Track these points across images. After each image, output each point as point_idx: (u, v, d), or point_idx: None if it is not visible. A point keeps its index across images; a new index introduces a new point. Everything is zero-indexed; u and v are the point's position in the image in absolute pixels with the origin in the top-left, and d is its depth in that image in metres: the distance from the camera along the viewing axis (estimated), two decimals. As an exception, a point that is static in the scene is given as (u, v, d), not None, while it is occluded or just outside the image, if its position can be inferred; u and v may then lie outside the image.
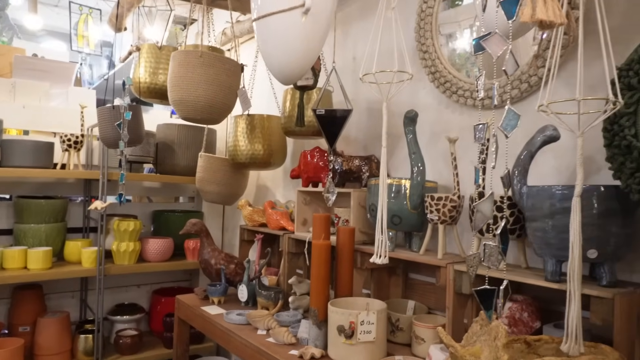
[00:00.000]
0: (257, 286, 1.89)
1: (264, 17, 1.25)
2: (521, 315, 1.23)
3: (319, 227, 1.57)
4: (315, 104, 1.68)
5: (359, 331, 1.36)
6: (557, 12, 0.77)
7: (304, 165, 1.94)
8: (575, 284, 0.93)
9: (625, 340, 0.98)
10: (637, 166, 0.96)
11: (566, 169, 1.29)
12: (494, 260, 0.68)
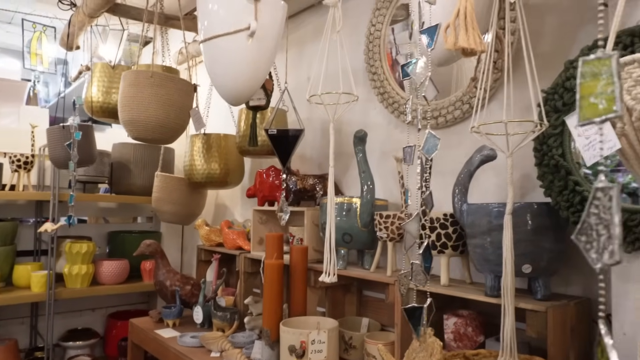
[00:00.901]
0: (213, 307, 1.86)
1: (210, 39, 1.26)
2: (466, 330, 1.26)
3: (271, 247, 1.57)
4: (268, 123, 1.69)
5: (310, 350, 1.36)
6: (478, 40, 0.81)
7: (259, 184, 1.94)
8: (509, 298, 0.96)
9: (559, 352, 1.02)
10: (565, 184, 1.01)
11: (505, 185, 1.33)
12: (420, 278, 0.70)
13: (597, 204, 0.28)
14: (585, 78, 0.28)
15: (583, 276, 1.18)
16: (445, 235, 1.25)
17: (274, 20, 1.28)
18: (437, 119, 1.47)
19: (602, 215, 0.28)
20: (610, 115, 0.28)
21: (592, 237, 0.28)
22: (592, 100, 0.28)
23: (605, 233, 0.27)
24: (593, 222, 0.28)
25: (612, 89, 0.27)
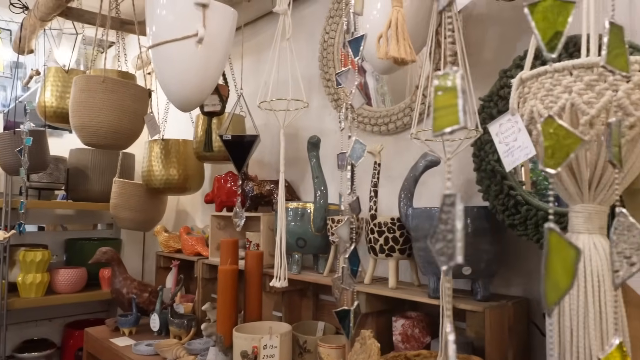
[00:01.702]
0: (170, 314, 1.85)
1: (158, 45, 1.26)
2: (413, 331, 1.28)
3: (225, 252, 1.57)
4: (223, 129, 1.69)
5: (262, 355, 1.36)
6: (408, 50, 0.84)
7: (217, 190, 1.94)
8: (446, 299, 0.99)
9: (496, 351, 1.05)
10: (501, 189, 1.05)
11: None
12: (350, 282, 0.72)
13: (445, 210, 0.30)
14: (438, 91, 0.30)
15: (523, 277, 1.22)
16: (393, 239, 1.28)
17: (223, 27, 1.29)
18: (388, 125, 1.50)
19: (449, 221, 0.30)
20: (455, 127, 0.30)
21: (442, 240, 0.30)
22: (443, 112, 0.30)
23: (451, 237, 0.29)
24: (442, 228, 0.31)
25: (456, 102, 0.29)
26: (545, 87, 0.67)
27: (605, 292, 0.65)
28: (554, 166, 0.32)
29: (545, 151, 0.31)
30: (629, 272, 0.33)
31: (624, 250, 0.34)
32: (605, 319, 0.65)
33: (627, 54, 0.35)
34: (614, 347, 0.34)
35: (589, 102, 0.62)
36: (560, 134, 0.31)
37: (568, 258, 0.31)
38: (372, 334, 0.93)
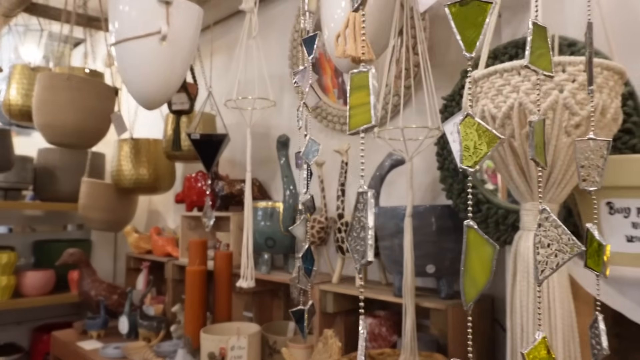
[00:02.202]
0: (139, 316, 1.82)
1: (121, 43, 1.24)
2: (380, 330, 1.29)
3: (194, 253, 1.55)
4: (192, 128, 1.67)
5: (230, 357, 1.35)
6: (366, 49, 0.83)
7: (187, 190, 1.91)
8: (409, 298, 0.99)
9: (459, 349, 1.06)
10: (463, 187, 1.06)
11: (418, 188, 1.38)
12: (305, 281, 0.71)
13: (359, 207, 0.30)
14: (353, 90, 0.30)
15: (488, 275, 1.23)
16: (360, 238, 1.28)
17: (187, 24, 1.27)
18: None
19: (362, 219, 0.30)
20: (367, 125, 0.30)
21: (356, 238, 0.30)
22: (357, 111, 0.30)
23: (363, 234, 0.29)
24: (356, 225, 0.30)
25: (368, 101, 0.29)
26: (495, 86, 0.68)
27: (554, 289, 0.66)
28: (472, 165, 0.32)
29: (463, 150, 0.32)
30: (553, 268, 0.34)
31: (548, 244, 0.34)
32: (554, 315, 0.66)
33: (551, 54, 0.35)
34: (538, 341, 0.34)
35: (536, 101, 0.63)
36: (479, 133, 0.31)
37: (485, 255, 0.31)
38: (334, 333, 0.93)
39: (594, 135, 0.42)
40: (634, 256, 0.69)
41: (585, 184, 0.43)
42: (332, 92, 1.64)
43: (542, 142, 0.35)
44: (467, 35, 0.30)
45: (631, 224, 0.68)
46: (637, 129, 0.83)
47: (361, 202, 0.30)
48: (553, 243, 0.35)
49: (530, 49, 0.36)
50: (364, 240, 0.29)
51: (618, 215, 0.69)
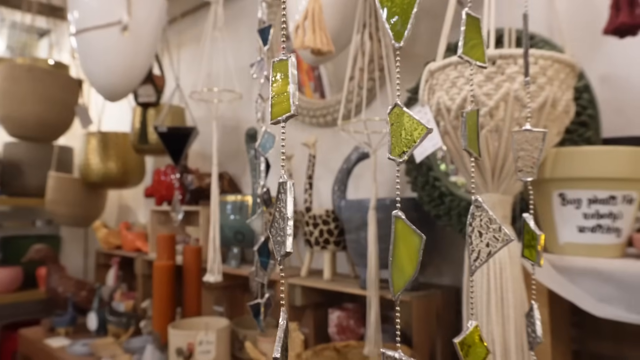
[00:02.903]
0: (108, 312, 1.79)
1: (82, 33, 1.20)
2: (348, 322, 1.29)
3: (161, 248, 1.53)
4: (159, 121, 1.64)
5: (197, 352, 1.34)
6: (325, 40, 0.83)
7: (156, 184, 1.89)
8: (373, 290, 1.00)
9: (424, 339, 1.07)
10: (426, 180, 1.07)
11: (386, 181, 1.39)
12: (261, 274, 0.71)
13: (280, 198, 0.30)
14: (275, 79, 0.29)
15: (453, 266, 1.25)
16: (328, 231, 1.28)
17: (150, 15, 1.24)
18: (326, 117, 1.50)
19: (282, 209, 0.29)
20: (288, 114, 0.30)
21: (277, 229, 0.30)
22: (278, 100, 0.29)
23: (283, 225, 0.29)
24: (276, 215, 0.30)
25: (287, 90, 0.28)
26: (450, 78, 0.68)
27: (507, 280, 0.67)
28: (398, 155, 0.31)
29: (392, 141, 0.31)
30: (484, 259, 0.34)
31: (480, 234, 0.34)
32: (506, 305, 0.67)
33: (484, 45, 0.35)
34: (471, 329, 0.34)
35: (488, 93, 0.63)
36: (406, 123, 0.31)
37: (412, 245, 0.31)
38: (299, 326, 0.92)
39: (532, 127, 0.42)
40: (584, 246, 0.70)
41: (521, 175, 0.43)
42: (308, 86, 1.63)
43: (475, 133, 0.36)
44: (395, 24, 0.29)
45: (582, 215, 0.69)
46: (593, 122, 0.85)
47: (281, 192, 0.29)
48: (485, 233, 0.35)
49: (463, 39, 0.36)
50: (284, 230, 0.28)
51: (570, 206, 0.70)
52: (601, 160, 0.67)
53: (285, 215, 0.28)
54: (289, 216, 0.28)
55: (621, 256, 0.71)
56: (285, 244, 0.29)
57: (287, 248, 0.29)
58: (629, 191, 0.68)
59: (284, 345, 0.29)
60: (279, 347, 0.29)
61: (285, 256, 0.29)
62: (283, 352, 0.29)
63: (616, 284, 0.64)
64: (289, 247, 0.29)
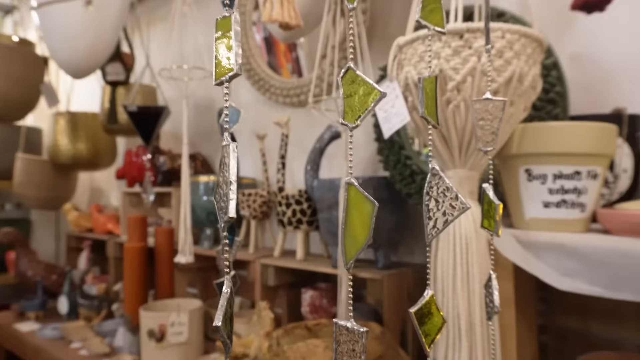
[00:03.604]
0: (79, 296, 1.76)
1: (44, 6, 1.15)
2: (321, 302, 1.29)
3: (132, 230, 1.50)
4: (129, 100, 1.60)
5: (170, 333, 1.32)
6: (293, 14, 0.81)
7: (128, 165, 1.85)
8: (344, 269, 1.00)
9: (394, 317, 1.08)
10: (398, 158, 1.06)
11: (359, 161, 1.38)
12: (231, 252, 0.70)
13: (224, 162, 0.29)
14: (219, 37, 0.28)
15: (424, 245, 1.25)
16: (301, 211, 1.27)
17: (115, -12, 1.20)
18: (299, 96, 1.48)
19: (225, 173, 0.28)
20: (230, 74, 0.28)
21: (220, 195, 0.29)
22: (223, 59, 0.28)
23: (226, 190, 0.28)
24: (220, 181, 0.29)
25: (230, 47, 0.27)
26: (418, 53, 0.67)
27: (472, 255, 0.67)
28: (352, 121, 0.31)
29: (345, 106, 0.30)
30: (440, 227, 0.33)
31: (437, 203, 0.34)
32: (472, 280, 0.67)
33: (443, 10, 0.34)
34: (427, 298, 0.34)
35: (455, 67, 0.63)
36: (362, 87, 0.30)
37: (365, 212, 0.30)
38: (269, 305, 0.92)
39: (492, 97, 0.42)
40: (549, 221, 0.71)
41: (480, 144, 0.43)
42: (286, 68, 1.60)
43: (433, 100, 0.35)
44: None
45: (547, 190, 0.70)
46: (561, 99, 0.85)
47: (225, 155, 0.28)
48: (442, 201, 0.34)
49: (421, 4, 0.35)
50: (227, 195, 0.27)
51: (536, 181, 0.70)
52: (567, 135, 0.67)
53: (228, 180, 0.27)
54: (232, 180, 0.27)
55: (585, 231, 0.73)
56: (228, 209, 0.27)
57: (230, 213, 0.28)
58: (593, 166, 0.69)
59: (226, 314, 0.28)
60: (221, 316, 0.28)
61: (229, 222, 0.28)
62: (225, 322, 0.28)
63: (579, 258, 0.65)
64: (232, 212, 0.28)
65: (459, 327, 0.66)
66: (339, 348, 0.31)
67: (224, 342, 0.29)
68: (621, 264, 0.62)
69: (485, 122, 0.42)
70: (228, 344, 0.29)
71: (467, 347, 0.65)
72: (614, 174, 0.83)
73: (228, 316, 0.29)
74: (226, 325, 0.28)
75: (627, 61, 0.94)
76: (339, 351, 0.31)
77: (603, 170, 0.71)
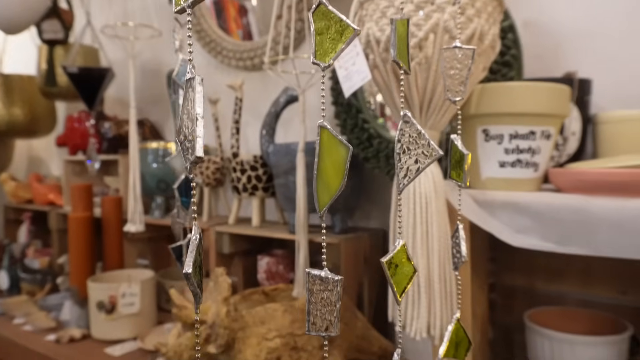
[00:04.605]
0: (20, 270, 1.67)
1: (-34, -49, 1.04)
2: (277, 268, 1.29)
3: (77, 199, 1.43)
4: (69, 61, 1.49)
5: (121, 304, 1.28)
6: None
7: (69, 132, 1.74)
8: (302, 233, 0.99)
9: (352, 280, 1.09)
10: (355, 123, 1.05)
11: (315, 126, 1.36)
12: (183, 215, 0.67)
13: (188, 97, 0.26)
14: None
15: (381, 210, 1.27)
16: (256, 177, 1.24)
17: None
18: (253, 60, 1.43)
19: (190, 109, 0.26)
20: (184, 5, 0.26)
21: (185, 134, 0.26)
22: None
23: (192, 127, 0.26)
24: (185, 119, 0.27)
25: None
26: (380, 8, 0.65)
27: (432, 214, 0.68)
28: (323, 59, 0.29)
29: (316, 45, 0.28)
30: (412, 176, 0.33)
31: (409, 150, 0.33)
32: (431, 238, 0.68)
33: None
34: (398, 247, 0.34)
35: (417, 24, 0.61)
36: (334, 24, 0.28)
37: (339, 157, 0.29)
38: (224, 271, 0.90)
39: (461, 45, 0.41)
40: (504, 180, 0.72)
41: (449, 94, 0.42)
42: (236, 34, 1.54)
43: (405, 44, 0.33)
44: None
45: (504, 150, 0.71)
46: (516, 62, 0.87)
47: (189, 88, 0.26)
48: (413, 149, 0.33)
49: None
50: (193, 132, 0.25)
51: (493, 142, 0.72)
52: (524, 95, 0.68)
53: (194, 115, 0.25)
54: (198, 115, 0.25)
55: (537, 190, 0.75)
56: (195, 148, 0.25)
57: (197, 152, 0.25)
58: (547, 127, 0.71)
59: (196, 261, 0.26)
60: (191, 262, 0.26)
61: (196, 162, 0.26)
62: (195, 270, 0.26)
63: (532, 216, 0.67)
64: (200, 151, 0.25)
65: (418, 284, 0.67)
66: (312, 298, 0.30)
67: (194, 292, 0.27)
68: (571, 220, 0.65)
69: (455, 72, 0.41)
70: (198, 293, 0.27)
71: (426, 304, 0.66)
72: (563, 137, 0.86)
73: (198, 264, 0.27)
74: (196, 273, 0.26)
75: (577, 27, 0.96)
76: (312, 301, 0.30)
77: (556, 131, 0.73)
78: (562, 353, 0.82)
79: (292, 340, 0.86)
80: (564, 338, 0.82)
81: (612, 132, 0.84)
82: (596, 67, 0.94)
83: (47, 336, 1.33)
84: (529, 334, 0.91)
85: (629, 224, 0.60)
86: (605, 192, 0.63)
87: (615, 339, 0.81)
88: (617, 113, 0.84)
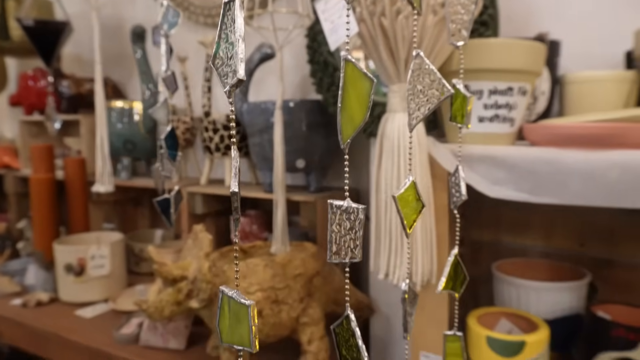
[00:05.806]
0: (-24, 236, 1.60)
1: None
2: (251, 228, 1.29)
3: (38, 160, 1.37)
4: (23, 12, 1.40)
5: (90, 266, 1.26)
6: None
7: (24, 90, 1.65)
8: (280, 191, 1.00)
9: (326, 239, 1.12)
10: (332, 81, 1.05)
11: (290, 85, 1.35)
12: (169, 167, 0.66)
13: (225, 22, 0.26)
14: None
15: (354, 170, 1.28)
16: (229, 137, 1.23)
17: None
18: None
19: (229, 33, 0.26)
20: None
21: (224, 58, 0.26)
22: None
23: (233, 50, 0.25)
24: (222, 45, 0.26)
25: None
26: (368, -41, 0.65)
27: (415, 167, 0.70)
28: None
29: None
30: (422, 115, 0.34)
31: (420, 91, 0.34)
32: (414, 190, 0.70)
33: None
34: (408, 184, 0.35)
35: (407, -26, 0.62)
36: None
37: (363, 89, 0.29)
38: (203, 227, 0.90)
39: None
40: (483, 135, 0.75)
41: (453, 39, 0.44)
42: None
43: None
44: None
45: (483, 106, 0.74)
46: (492, 22, 0.88)
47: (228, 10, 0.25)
48: (425, 89, 0.34)
49: None
50: (235, 55, 0.25)
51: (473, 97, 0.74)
52: (503, 52, 0.70)
53: (236, 38, 0.25)
54: (240, 37, 0.25)
55: (513, 144, 0.78)
56: (237, 70, 0.25)
57: (239, 74, 0.25)
58: (524, 83, 0.74)
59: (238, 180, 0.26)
60: (236, 182, 0.26)
61: (237, 85, 0.26)
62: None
63: (508, 168, 0.71)
64: (242, 72, 0.25)
65: (400, 233, 0.70)
66: (334, 227, 0.31)
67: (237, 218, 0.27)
68: (544, 171, 0.68)
69: (457, 16, 0.42)
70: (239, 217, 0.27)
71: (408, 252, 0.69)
72: (533, 96, 0.90)
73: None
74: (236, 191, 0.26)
75: (548, -11, 0.99)
76: (334, 230, 0.31)
77: (531, 88, 0.76)
78: (528, 299, 0.88)
79: (274, 294, 0.88)
80: (530, 285, 0.88)
81: (578, 92, 0.88)
82: (565, 30, 0.97)
83: (12, 301, 1.29)
84: (496, 283, 0.97)
85: (598, 173, 0.64)
86: (577, 145, 0.67)
87: (575, 284, 0.88)
88: (584, 74, 0.88)
